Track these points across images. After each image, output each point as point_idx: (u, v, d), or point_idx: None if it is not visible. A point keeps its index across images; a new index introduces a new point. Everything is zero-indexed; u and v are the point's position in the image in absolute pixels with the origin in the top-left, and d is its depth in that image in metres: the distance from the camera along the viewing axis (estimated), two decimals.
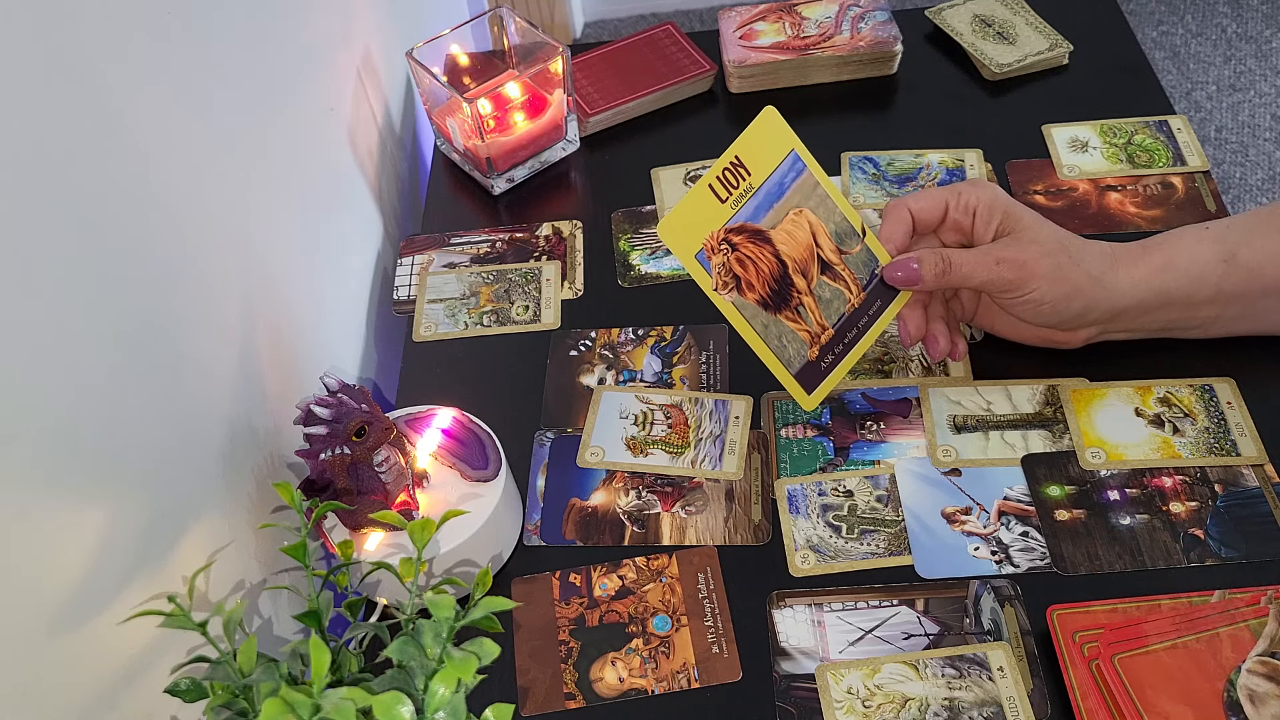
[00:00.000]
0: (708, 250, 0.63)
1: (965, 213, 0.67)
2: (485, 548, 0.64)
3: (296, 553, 0.52)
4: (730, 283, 0.63)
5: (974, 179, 0.69)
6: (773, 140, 0.65)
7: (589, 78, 0.96)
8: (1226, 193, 1.83)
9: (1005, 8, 0.98)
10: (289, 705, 0.39)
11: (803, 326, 0.65)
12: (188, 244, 0.57)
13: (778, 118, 0.65)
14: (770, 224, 0.64)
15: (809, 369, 0.66)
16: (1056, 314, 0.66)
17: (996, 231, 0.66)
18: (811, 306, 0.65)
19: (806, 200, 0.66)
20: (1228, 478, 0.66)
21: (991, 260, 0.64)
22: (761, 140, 0.64)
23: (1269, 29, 2.10)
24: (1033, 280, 0.64)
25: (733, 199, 0.63)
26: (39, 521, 0.43)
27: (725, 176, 0.63)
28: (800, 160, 0.65)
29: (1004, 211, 0.66)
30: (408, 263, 0.86)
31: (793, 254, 0.65)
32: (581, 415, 0.74)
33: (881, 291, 0.68)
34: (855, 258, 0.67)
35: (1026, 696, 0.58)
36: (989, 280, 0.65)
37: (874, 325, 0.68)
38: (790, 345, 0.65)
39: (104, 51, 0.50)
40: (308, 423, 0.59)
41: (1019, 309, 0.66)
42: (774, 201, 0.64)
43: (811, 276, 0.66)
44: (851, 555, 0.65)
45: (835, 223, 0.66)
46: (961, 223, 0.67)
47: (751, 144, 0.64)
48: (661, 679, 0.61)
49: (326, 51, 0.83)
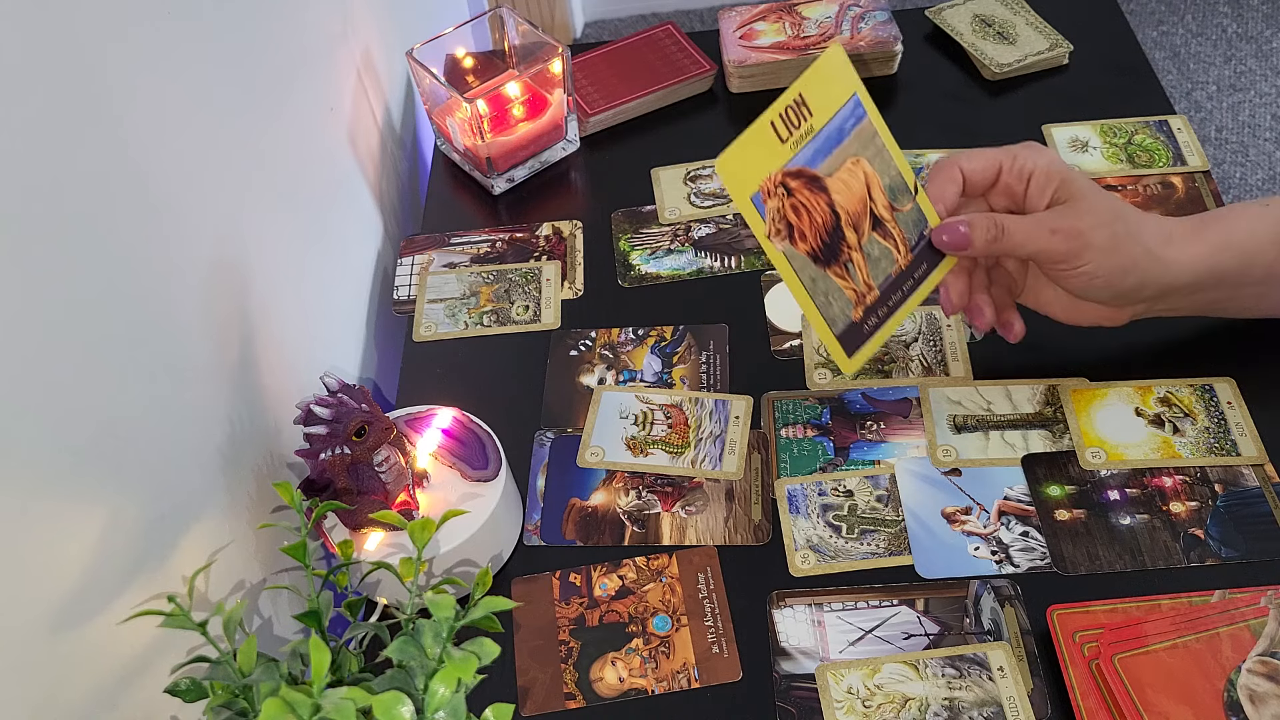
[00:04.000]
0: (764, 193, 0.59)
1: (1019, 178, 0.63)
2: (485, 548, 0.64)
3: (296, 553, 0.52)
4: (784, 230, 0.60)
5: (1030, 143, 0.64)
6: (836, 80, 0.61)
7: (589, 78, 0.96)
8: (1226, 193, 1.83)
9: (1005, 8, 0.98)
10: (289, 705, 0.39)
11: (850, 284, 0.62)
12: (188, 244, 0.57)
13: (843, 56, 0.61)
14: (827, 171, 0.61)
15: (852, 330, 0.63)
16: (1110, 289, 0.62)
17: (1051, 199, 0.62)
18: (860, 264, 0.62)
19: (865, 149, 0.62)
20: (1228, 478, 0.66)
21: (1046, 229, 0.61)
22: (825, 79, 0.61)
23: (1269, 29, 2.10)
24: (1087, 252, 0.60)
25: (793, 139, 0.60)
26: (39, 521, 0.43)
27: (788, 115, 0.59)
28: (861, 105, 0.62)
29: (1061, 179, 0.62)
30: (408, 262, 0.86)
31: (847, 205, 0.61)
32: (581, 415, 0.74)
33: (928, 255, 0.64)
34: (906, 216, 0.63)
35: (1026, 696, 0.58)
36: (1042, 250, 0.61)
37: (918, 290, 0.64)
38: (836, 303, 0.62)
39: (103, 51, 0.50)
40: (308, 423, 0.59)
41: (1071, 282, 0.62)
42: (833, 146, 0.61)
43: (863, 231, 0.62)
44: (851, 555, 0.65)
45: (890, 176, 0.63)
46: (1014, 188, 0.63)
47: (815, 82, 0.60)
48: (661, 679, 0.61)
49: (326, 51, 0.83)
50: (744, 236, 0.84)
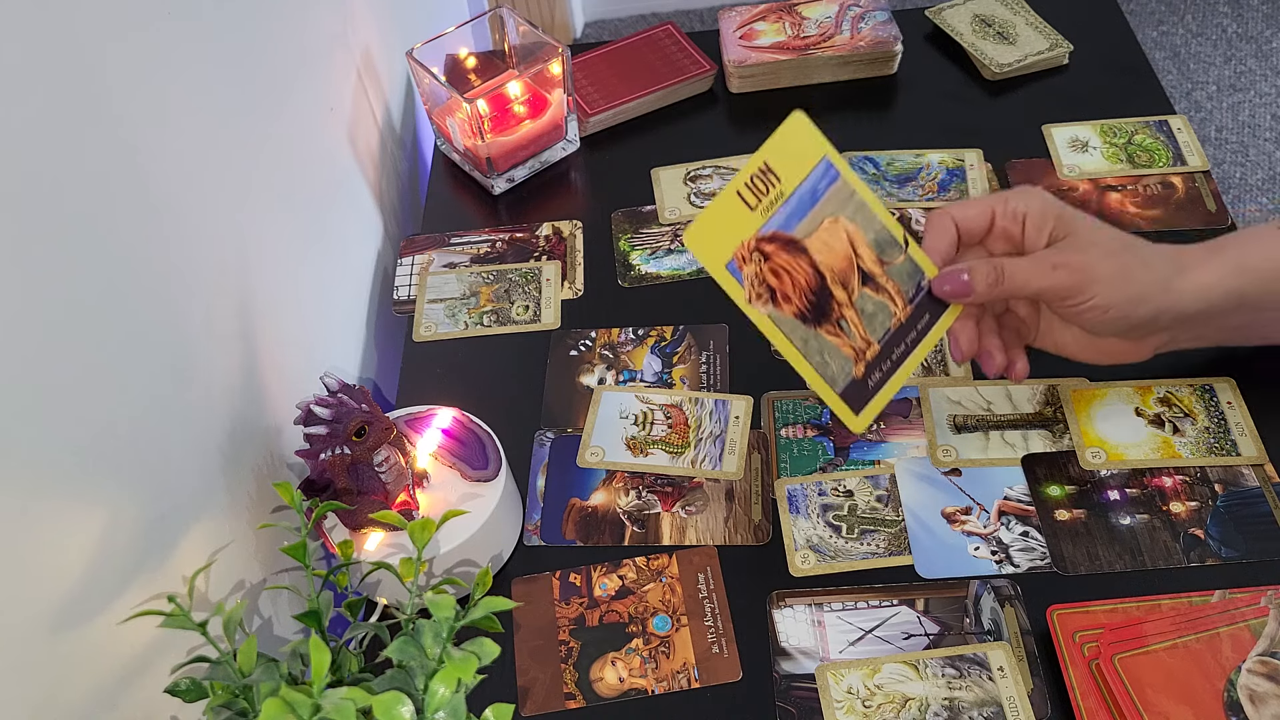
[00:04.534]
0: (739, 260, 0.58)
1: (1014, 220, 0.61)
2: (485, 548, 0.64)
3: (296, 553, 0.52)
4: (765, 294, 0.59)
5: (1023, 186, 0.63)
6: (803, 145, 0.60)
7: (589, 78, 0.96)
8: (1226, 193, 1.83)
9: (1005, 8, 0.98)
10: (289, 705, 0.39)
11: (846, 342, 0.60)
12: (188, 245, 0.57)
13: (806, 122, 0.60)
14: (804, 233, 0.60)
15: (855, 387, 0.61)
16: (1124, 320, 0.60)
17: (1050, 238, 0.61)
18: (854, 320, 0.61)
19: (843, 209, 0.61)
20: (1228, 478, 0.66)
21: (1048, 266, 0.59)
22: (790, 145, 0.60)
23: (1269, 29, 2.10)
24: (1094, 285, 0.59)
25: (762, 206, 0.59)
26: (39, 521, 0.43)
27: (754, 183, 0.59)
28: (834, 167, 0.61)
29: (1056, 216, 0.61)
30: (408, 263, 0.86)
31: (831, 264, 0.60)
32: (581, 415, 0.74)
33: (929, 305, 0.63)
34: (899, 269, 0.62)
35: (1026, 696, 0.58)
36: (1047, 287, 0.60)
37: (923, 340, 0.63)
38: (833, 362, 0.60)
39: (103, 51, 0.50)
40: (308, 423, 0.59)
41: (1083, 318, 0.61)
42: (807, 209, 0.60)
43: (852, 288, 0.61)
44: (851, 555, 0.65)
45: (875, 231, 0.61)
46: (1010, 230, 0.62)
47: (780, 149, 0.60)
48: (661, 679, 0.61)
49: (326, 51, 0.83)
50: None
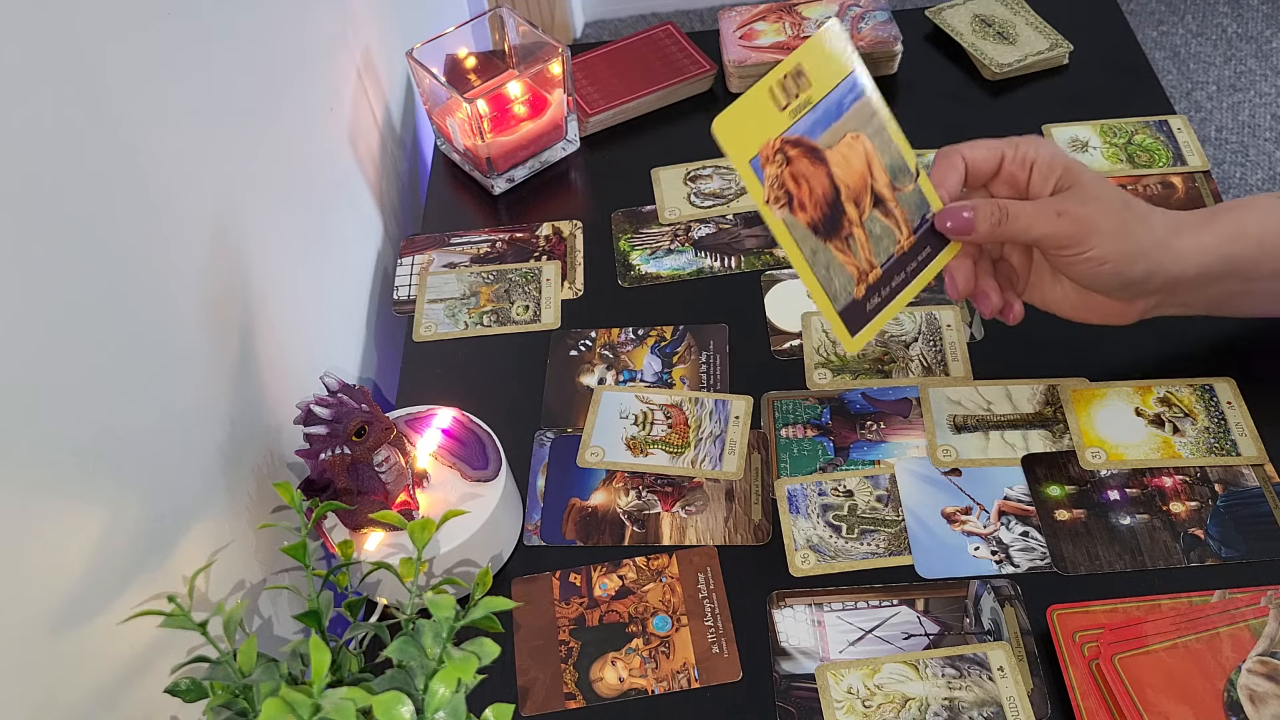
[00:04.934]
0: (763, 158, 0.58)
1: (1022, 166, 0.62)
2: (485, 548, 0.64)
3: (296, 553, 0.52)
4: (783, 198, 0.59)
5: (1031, 136, 0.64)
6: (835, 56, 0.61)
7: (589, 78, 0.96)
8: (1226, 193, 1.83)
9: (1005, 8, 0.98)
10: (289, 705, 0.39)
11: (851, 260, 0.61)
12: (188, 244, 0.57)
13: (842, 33, 0.61)
14: (826, 144, 0.60)
15: (854, 308, 0.61)
16: (1118, 276, 0.61)
17: (1055, 187, 0.61)
18: (861, 240, 0.61)
19: (864, 126, 0.61)
20: (1228, 478, 0.66)
21: (1052, 212, 0.60)
22: (824, 53, 0.60)
23: (1269, 29, 2.10)
24: (1095, 236, 0.59)
25: (791, 108, 0.59)
26: (39, 521, 0.43)
27: (786, 83, 0.59)
28: (860, 83, 0.61)
29: (1064, 167, 0.61)
30: (408, 263, 0.86)
31: (847, 179, 0.61)
32: (581, 415, 0.74)
33: (931, 238, 0.63)
34: (908, 197, 0.63)
35: (1026, 696, 0.58)
36: (1048, 234, 0.60)
37: (922, 272, 0.63)
38: (837, 278, 0.61)
39: (103, 52, 0.50)
40: (308, 423, 0.59)
41: (1077, 269, 0.61)
42: (831, 120, 0.60)
43: (864, 207, 0.61)
44: (851, 555, 0.65)
45: (891, 155, 0.62)
46: (1017, 176, 0.62)
47: (814, 55, 0.60)
48: (661, 679, 0.61)
49: (326, 51, 0.83)
50: (744, 236, 0.84)
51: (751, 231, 0.84)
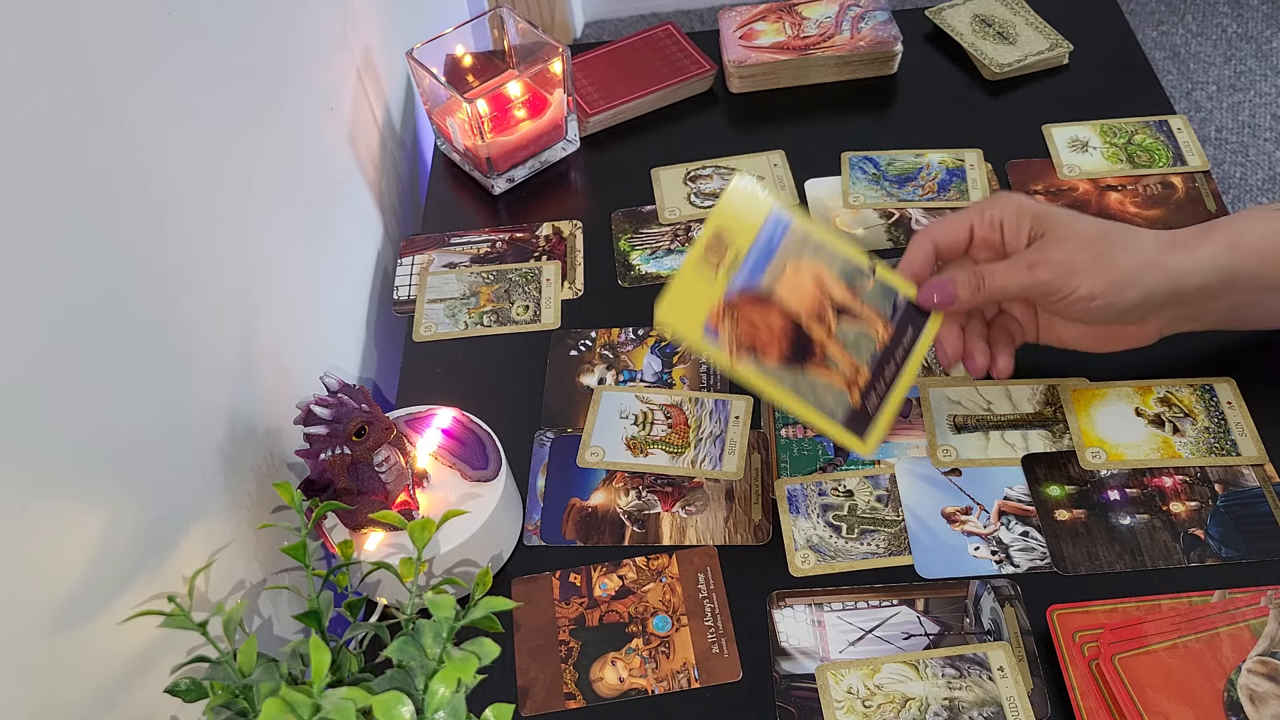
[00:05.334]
0: (713, 324, 0.61)
1: (992, 228, 0.63)
2: (485, 548, 0.64)
3: (296, 553, 0.52)
4: (745, 351, 0.62)
5: (998, 193, 0.65)
6: (749, 206, 0.64)
7: (589, 78, 0.96)
8: (1226, 193, 1.83)
9: (1005, 8, 0.98)
10: (289, 705, 0.39)
11: (835, 375, 0.63)
12: (187, 245, 0.57)
13: (747, 184, 0.64)
14: (770, 282, 0.63)
15: (855, 416, 0.63)
16: (1112, 307, 0.61)
17: (1029, 238, 0.63)
18: (837, 353, 0.63)
19: (802, 251, 0.64)
20: (1228, 478, 0.66)
21: (1024, 266, 0.61)
22: (736, 209, 0.63)
23: (1269, 29, 2.10)
24: (1075, 277, 0.60)
25: (723, 269, 0.62)
26: (39, 521, 0.43)
27: (709, 252, 0.62)
28: (782, 217, 0.64)
29: (1032, 215, 0.62)
30: (408, 262, 0.86)
31: (801, 305, 0.63)
32: (581, 415, 0.74)
33: (912, 319, 0.65)
34: (871, 293, 0.64)
35: (1026, 696, 0.58)
36: (1027, 286, 0.62)
37: (912, 354, 0.65)
38: (827, 396, 0.62)
39: (103, 52, 0.50)
40: (308, 423, 0.59)
41: (1072, 310, 0.62)
42: (768, 260, 0.63)
43: (829, 322, 0.63)
44: (851, 555, 0.65)
45: (839, 264, 0.64)
46: (990, 239, 0.64)
47: (727, 214, 0.63)
48: (661, 679, 0.61)
49: (326, 51, 0.83)
50: None
51: None
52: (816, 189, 0.87)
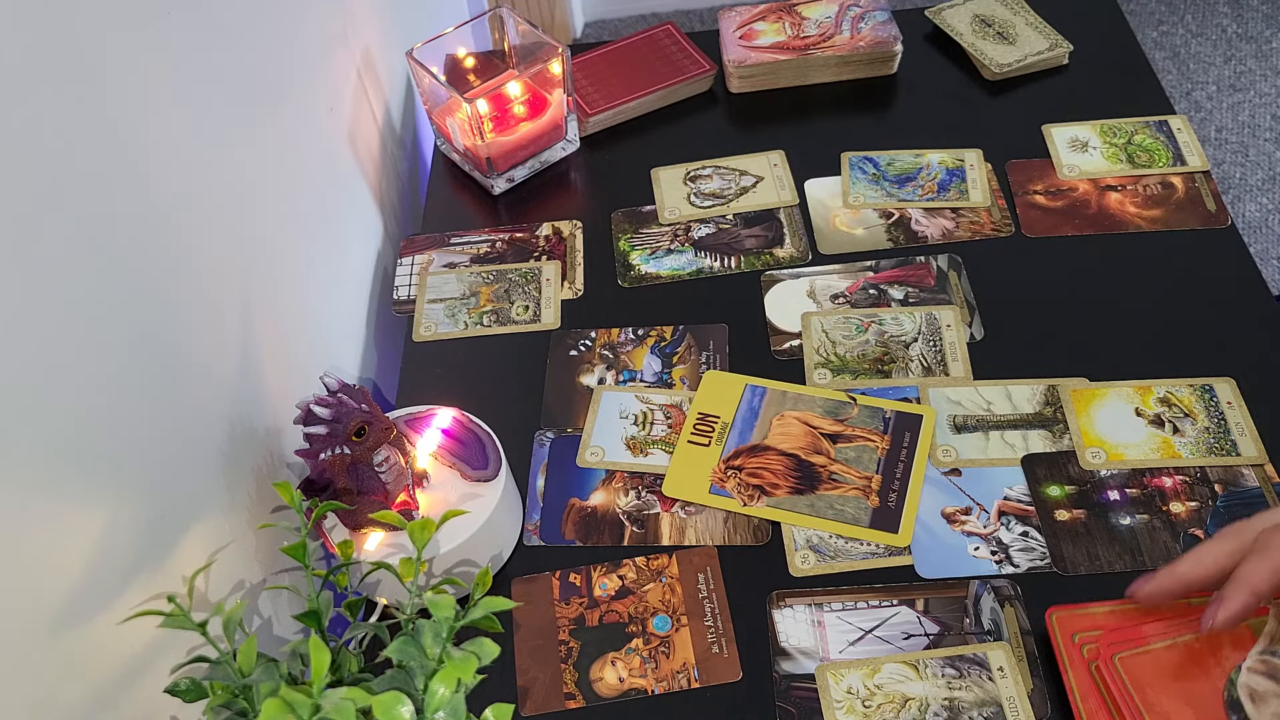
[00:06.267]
0: (717, 484, 0.68)
1: None
2: (485, 548, 0.64)
3: (296, 553, 0.52)
4: (754, 493, 0.67)
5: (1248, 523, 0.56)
6: (724, 387, 0.72)
7: (589, 78, 0.96)
8: (1226, 193, 1.83)
9: (1005, 8, 0.98)
10: (289, 705, 0.39)
11: (849, 486, 0.67)
12: (187, 245, 0.57)
13: (718, 376, 0.73)
14: (759, 437, 0.69)
15: (880, 514, 0.66)
16: None
17: None
18: (844, 469, 0.67)
19: (782, 406, 0.70)
20: (1228, 478, 0.66)
21: None
22: (714, 392, 0.72)
23: (1269, 29, 2.10)
24: None
25: (714, 441, 0.69)
26: (39, 521, 0.43)
27: (698, 430, 0.70)
28: (758, 386, 0.71)
29: None
30: (408, 263, 0.86)
31: (796, 446, 0.69)
32: (581, 415, 0.74)
33: (908, 425, 0.69)
34: (858, 418, 0.70)
35: (1026, 696, 0.58)
36: None
37: (918, 447, 0.68)
38: (848, 507, 0.66)
39: (103, 52, 0.50)
40: (308, 423, 0.59)
41: None
42: (754, 420, 0.70)
43: (826, 450, 0.68)
44: (851, 555, 0.65)
45: (821, 406, 0.70)
46: None
47: (707, 398, 0.72)
48: (661, 679, 0.61)
49: (326, 51, 0.83)
50: (744, 236, 0.84)
51: (751, 231, 0.84)
52: (816, 189, 0.87)
